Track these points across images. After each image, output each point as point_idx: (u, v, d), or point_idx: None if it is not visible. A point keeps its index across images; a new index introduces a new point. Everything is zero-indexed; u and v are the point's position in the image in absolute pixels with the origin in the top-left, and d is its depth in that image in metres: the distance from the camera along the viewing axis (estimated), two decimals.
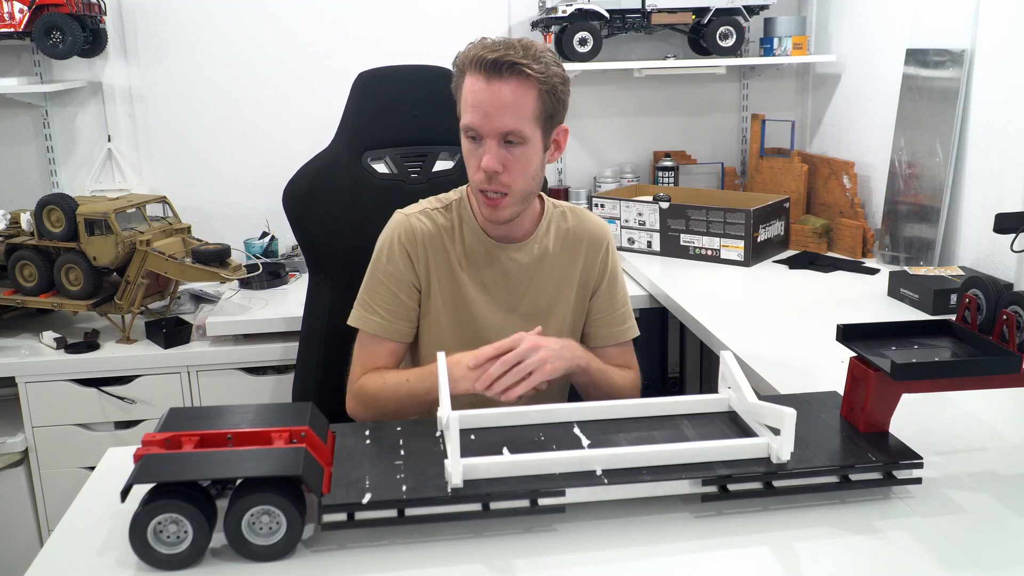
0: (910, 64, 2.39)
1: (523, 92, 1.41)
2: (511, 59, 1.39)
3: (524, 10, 2.86)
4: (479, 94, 1.41)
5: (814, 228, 2.63)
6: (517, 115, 1.41)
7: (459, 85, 1.46)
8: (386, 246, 1.57)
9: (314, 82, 2.78)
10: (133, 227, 2.23)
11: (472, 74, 1.42)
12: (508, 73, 1.39)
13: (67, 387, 2.19)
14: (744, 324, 1.94)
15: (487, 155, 1.42)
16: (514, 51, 1.40)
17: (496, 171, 1.43)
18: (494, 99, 1.40)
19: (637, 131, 3.05)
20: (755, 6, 2.79)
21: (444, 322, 1.57)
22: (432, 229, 1.57)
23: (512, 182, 1.45)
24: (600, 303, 1.64)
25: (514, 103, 1.41)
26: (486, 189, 1.46)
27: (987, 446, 1.32)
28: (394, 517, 1.06)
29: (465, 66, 1.43)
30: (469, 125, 1.43)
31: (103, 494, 1.19)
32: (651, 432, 1.24)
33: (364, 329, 1.56)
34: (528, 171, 1.47)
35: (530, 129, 1.43)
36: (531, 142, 1.45)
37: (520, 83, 1.40)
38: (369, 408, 1.54)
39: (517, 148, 1.44)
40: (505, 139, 1.43)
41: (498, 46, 1.41)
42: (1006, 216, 1.65)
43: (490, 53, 1.39)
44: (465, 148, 1.48)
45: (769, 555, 1.05)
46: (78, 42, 2.48)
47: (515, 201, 1.49)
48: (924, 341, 1.27)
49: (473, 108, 1.42)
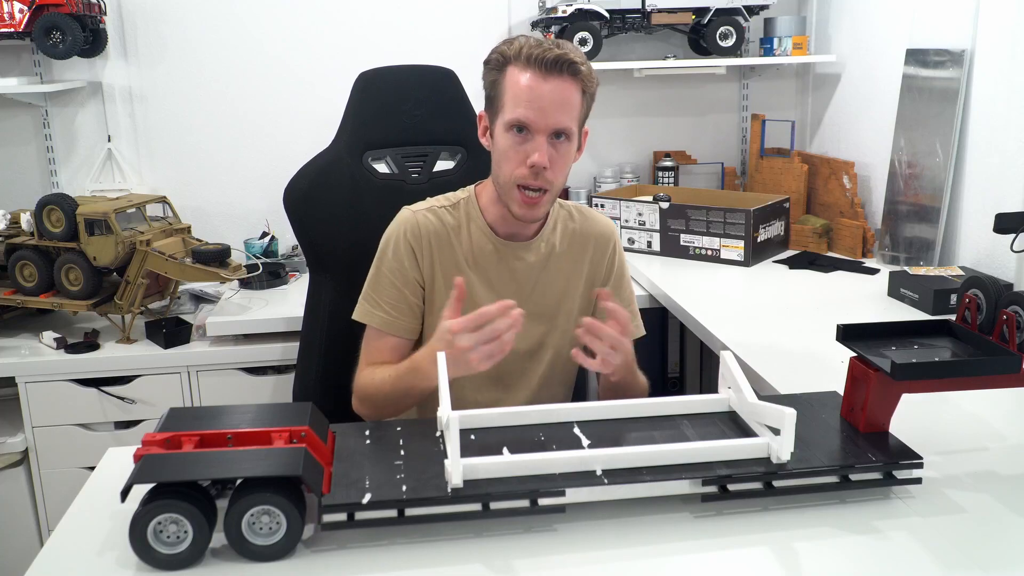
0: (910, 64, 2.39)
1: (574, 91, 1.44)
2: (570, 58, 1.42)
3: (524, 10, 2.86)
4: (536, 89, 1.42)
5: (814, 228, 2.63)
6: (569, 113, 1.44)
7: (499, 80, 1.46)
8: (392, 242, 1.57)
9: (314, 82, 2.78)
10: (133, 227, 2.23)
11: (524, 69, 1.42)
12: (567, 72, 1.42)
13: (67, 387, 2.19)
14: (744, 324, 1.94)
15: (538, 151, 1.43)
16: (570, 51, 1.43)
17: (545, 166, 1.44)
18: (551, 95, 1.42)
19: (637, 131, 3.05)
20: (755, 6, 2.79)
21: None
22: (439, 226, 1.56)
23: (555, 179, 1.47)
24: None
25: (568, 101, 1.44)
26: (529, 185, 1.46)
27: (987, 446, 1.32)
28: (394, 517, 1.06)
29: (513, 60, 1.44)
30: (521, 120, 1.43)
31: (103, 494, 1.19)
32: (651, 432, 1.24)
33: (369, 323, 1.56)
34: (566, 169, 1.50)
35: (575, 128, 1.47)
36: (574, 140, 1.48)
37: (573, 82, 1.44)
38: (367, 404, 1.54)
39: (563, 146, 1.46)
40: (554, 136, 1.44)
41: (551, 45, 1.43)
42: (1006, 216, 1.65)
43: (548, 52, 1.41)
44: (506, 142, 1.46)
45: (769, 555, 1.05)
46: (78, 42, 2.48)
47: (551, 198, 1.52)
48: (924, 341, 1.27)
49: (528, 103, 1.42)
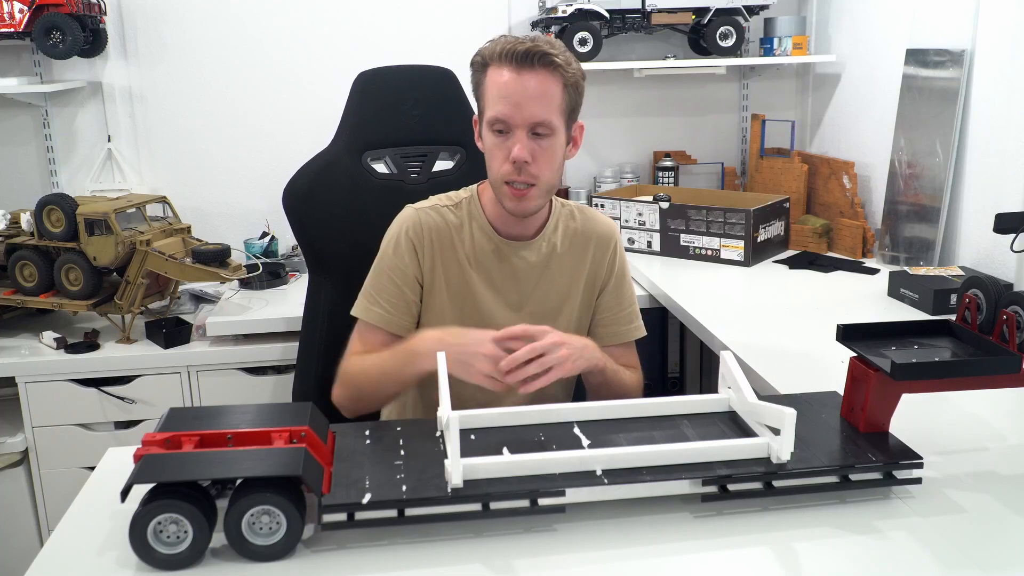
0: (910, 64, 2.39)
1: (551, 83, 1.43)
2: (542, 50, 1.41)
3: (524, 10, 2.86)
4: (509, 85, 1.42)
5: (814, 228, 2.63)
6: (547, 106, 1.43)
7: (481, 81, 1.46)
8: (393, 239, 1.57)
9: (314, 82, 2.78)
10: (133, 227, 2.23)
11: (500, 67, 1.43)
12: (539, 64, 1.41)
13: (67, 387, 2.19)
14: (744, 324, 1.94)
15: (517, 145, 1.43)
16: (542, 43, 1.42)
17: (526, 161, 1.43)
18: (525, 89, 1.41)
19: (637, 131, 3.05)
20: (755, 6, 2.79)
21: (449, 318, 1.57)
22: (441, 224, 1.57)
23: (540, 173, 1.46)
24: (607, 302, 1.64)
25: (544, 93, 1.42)
26: (514, 180, 1.46)
27: (987, 446, 1.32)
28: (394, 517, 1.06)
29: (490, 60, 1.44)
30: (498, 117, 1.43)
31: (103, 494, 1.19)
32: (651, 432, 1.24)
33: (365, 319, 1.56)
34: (554, 163, 1.48)
35: (557, 121, 1.45)
36: (557, 134, 1.46)
37: (549, 74, 1.42)
38: (348, 389, 1.52)
39: (545, 140, 1.45)
40: (534, 130, 1.43)
41: (524, 39, 1.42)
42: (1006, 216, 1.65)
43: (519, 45, 1.41)
44: (490, 142, 1.47)
45: (769, 555, 1.05)
46: (78, 42, 2.48)
47: (541, 193, 1.49)
48: (924, 341, 1.27)
49: (503, 99, 1.42)
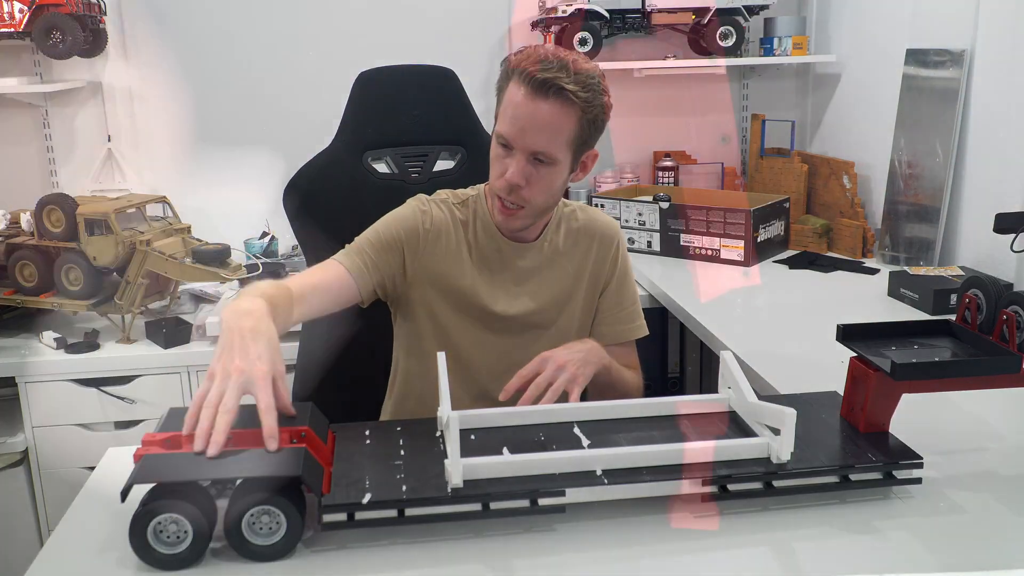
0: (910, 64, 2.39)
1: (563, 116, 1.39)
2: (560, 83, 1.36)
3: (524, 10, 2.86)
4: (519, 108, 1.39)
5: (814, 228, 2.63)
6: (552, 138, 1.40)
7: (503, 87, 1.44)
8: (401, 212, 1.56)
9: (314, 82, 2.78)
10: (133, 227, 2.23)
11: (517, 84, 1.40)
12: (554, 96, 1.37)
13: (67, 387, 2.19)
14: (744, 324, 1.94)
15: (513, 168, 1.41)
16: (565, 74, 1.37)
17: (519, 185, 1.42)
18: (534, 117, 1.38)
19: (637, 131, 3.05)
20: (755, 6, 2.79)
21: (450, 316, 1.56)
22: (448, 218, 1.56)
23: (531, 197, 1.45)
24: (608, 301, 1.64)
25: (551, 125, 1.39)
26: (505, 198, 1.45)
27: (987, 446, 1.32)
28: (394, 517, 1.06)
29: (512, 73, 1.41)
30: (503, 135, 1.42)
31: (103, 494, 1.19)
32: (651, 432, 1.24)
33: (338, 260, 1.50)
34: (549, 190, 1.46)
35: (561, 153, 1.42)
36: (559, 164, 1.43)
37: (562, 107, 1.38)
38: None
39: (544, 168, 1.42)
40: (535, 156, 1.41)
41: (551, 65, 1.37)
42: (1006, 216, 1.65)
43: (541, 71, 1.36)
44: (494, 151, 1.46)
45: (769, 555, 1.05)
46: (78, 42, 2.48)
47: (529, 215, 1.48)
48: (924, 341, 1.27)
49: (511, 120, 1.40)
